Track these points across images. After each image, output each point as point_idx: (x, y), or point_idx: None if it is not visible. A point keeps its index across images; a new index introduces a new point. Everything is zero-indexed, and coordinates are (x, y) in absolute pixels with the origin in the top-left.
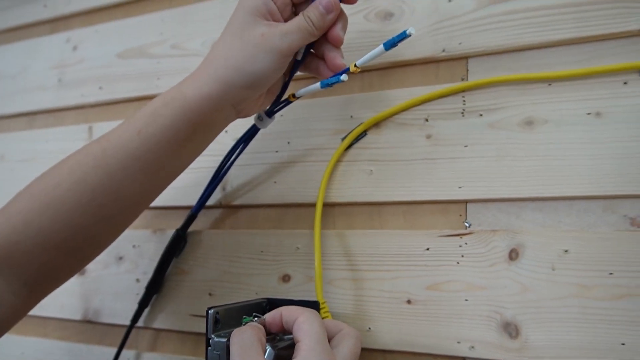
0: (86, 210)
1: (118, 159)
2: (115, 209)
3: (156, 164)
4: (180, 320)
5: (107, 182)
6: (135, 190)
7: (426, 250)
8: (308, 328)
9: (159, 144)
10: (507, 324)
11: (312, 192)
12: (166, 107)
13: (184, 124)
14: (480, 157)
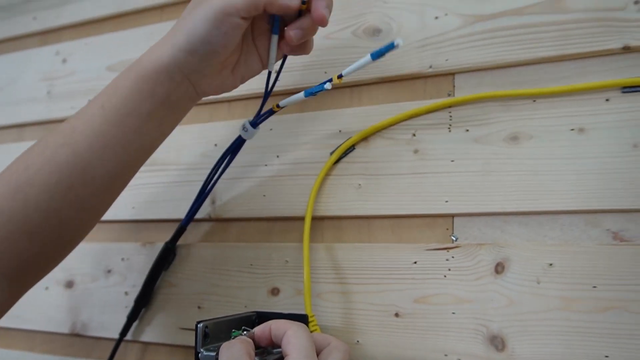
0: (55, 192)
1: (85, 135)
2: (85, 190)
3: (121, 141)
4: (169, 333)
5: (75, 160)
6: (104, 171)
7: (414, 264)
8: (296, 342)
9: (121, 118)
10: (493, 336)
11: (301, 206)
12: (126, 78)
13: (142, 95)
14: (466, 171)
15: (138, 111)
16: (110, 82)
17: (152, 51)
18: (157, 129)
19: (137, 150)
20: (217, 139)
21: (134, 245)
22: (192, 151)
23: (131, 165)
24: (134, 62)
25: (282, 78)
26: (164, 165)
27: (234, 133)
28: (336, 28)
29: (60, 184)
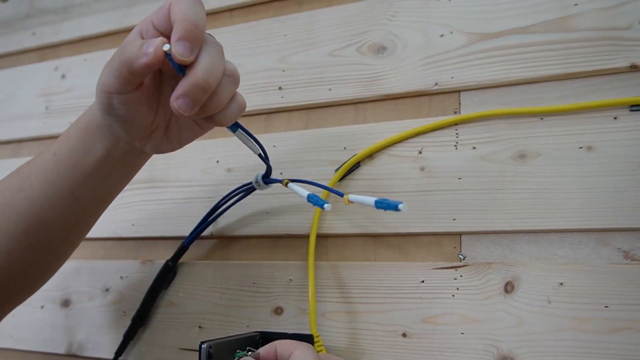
0: (13, 235)
1: (38, 182)
2: (41, 236)
3: (71, 191)
4: (168, 354)
5: (29, 205)
6: (57, 218)
7: (421, 283)
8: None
9: (69, 169)
10: (503, 357)
11: (305, 223)
12: (76, 127)
13: (86, 148)
14: (473, 189)
15: (83, 163)
16: (67, 129)
17: (95, 101)
18: (105, 182)
19: (87, 201)
20: (218, 156)
21: (133, 263)
22: (193, 168)
23: (84, 214)
24: (85, 110)
25: (285, 95)
26: (164, 182)
27: (236, 150)
28: (340, 45)
29: (17, 228)
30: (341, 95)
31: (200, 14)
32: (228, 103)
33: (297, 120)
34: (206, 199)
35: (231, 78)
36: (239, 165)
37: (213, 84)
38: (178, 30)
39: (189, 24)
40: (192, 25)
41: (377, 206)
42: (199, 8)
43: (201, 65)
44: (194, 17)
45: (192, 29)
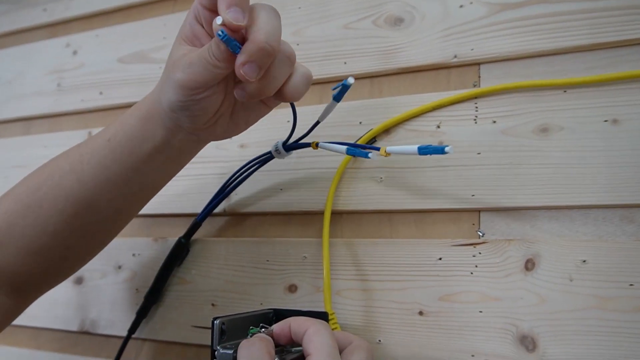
0: (61, 217)
1: (91, 166)
2: (90, 219)
3: (123, 177)
4: (181, 331)
5: (80, 189)
6: (108, 202)
7: (438, 260)
8: (319, 340)
9: (124, 155)
10: (523, 336)
11: (319, 200)
12: (132, 115)
13: (144, 136)
14: (493, 164)
15: (140, 151)
16: (121, 116)
17: (155, 90)
18: (159, 170)
19: (140, 188)
20: None
21: (145, 240)
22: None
23: (134, 201)
24: (143, 98)
25: None
26: None
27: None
28: (356, 17)
29: (66, 210)
30: (357, 68)
31: None
32: (291, 75)
33: (311, 94)
34: (219, 176)
35: (287, 52)
36: (252, 142)
37: (276, 47)
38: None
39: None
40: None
41: (421, 152)
42: None
43: (261, 28)
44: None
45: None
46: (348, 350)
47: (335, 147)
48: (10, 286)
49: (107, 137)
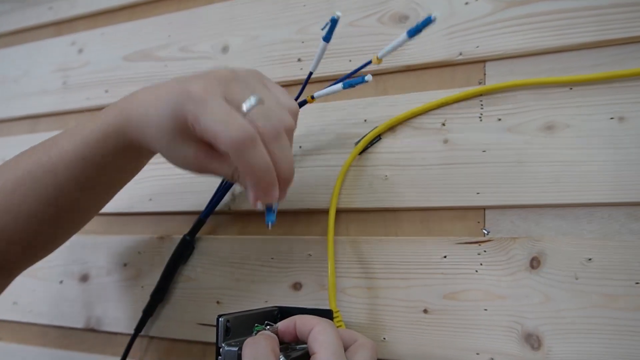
0: (35, 217)
1: (65, 176)
2: (62, 217)
3: (94, 182)
4: (186, 329)
5: (55, 194)
6: (81, 203)
7: (443, 258)
8: (324, 339)
9: (94, 172)
10: (528, 335)
11: (324, 198)
12: (103, 144)
13: (117, 163)
14: (499, 162)
15: (112, 170)
16: (91, 132)
17: (135, 120)
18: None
19: (109, 186)
20: None
21: (150, 238)
22: None
23: (104, 197)
24: (111, 115)
25: (304, 67)
26: None
27: None
28: (361, 15)
29: (41, 212)
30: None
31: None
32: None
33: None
34: None
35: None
36: None
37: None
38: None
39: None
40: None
41: (411, 34)
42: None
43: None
44: (263, 169)
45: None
46: (352, 348)
47: (330, 89)
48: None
49: (82, 155)
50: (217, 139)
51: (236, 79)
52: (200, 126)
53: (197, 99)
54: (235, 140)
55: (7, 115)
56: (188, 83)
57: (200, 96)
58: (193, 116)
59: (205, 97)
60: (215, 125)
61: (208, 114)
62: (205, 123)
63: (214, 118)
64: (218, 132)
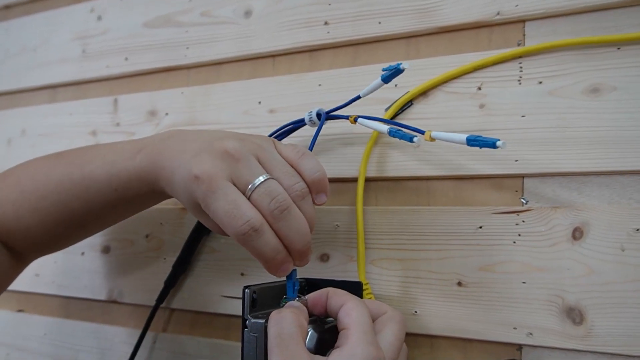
0: (66, 224)
1: (95, 199)
2: (91, 221)
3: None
4: (210, 301)
5: (83, 211)
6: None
7: (479, 229)
8: (357, 316)
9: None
10: (570, 309)
11: (353, 166)
12: (136, 192)
13: (144, 201)
14: (539, 127)
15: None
16: (123, 176)
17: (166, 178)
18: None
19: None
20: (260, 96)
21: (173, 209)
22: (234, 109)
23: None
24: (147, 161)
25: (331, 30)
26: (203, 124)
27: (279, 90)
28: None
29: (66, 221)
30: (392, 28)
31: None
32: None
33: (343, 56)
34: None
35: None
36: (281, 107)
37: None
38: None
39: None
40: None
41: (470, 144)
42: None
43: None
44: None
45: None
46: (381, 320)
47: (376, 125)
48: (11, 255)
49: (115, 186)
50: (224, 228)
51: (244, 159)
52: (210, 213)
53: (204, 187)
54: (239, 234)
55: (26, 85)
56: (195, 165)
57: (207, 184)
58: (203, 203)
59: (212, 186)
60: (222, 217)
61: (214, 203)
62: (214, 212)
63: (220, 208)
64: (224, 223)
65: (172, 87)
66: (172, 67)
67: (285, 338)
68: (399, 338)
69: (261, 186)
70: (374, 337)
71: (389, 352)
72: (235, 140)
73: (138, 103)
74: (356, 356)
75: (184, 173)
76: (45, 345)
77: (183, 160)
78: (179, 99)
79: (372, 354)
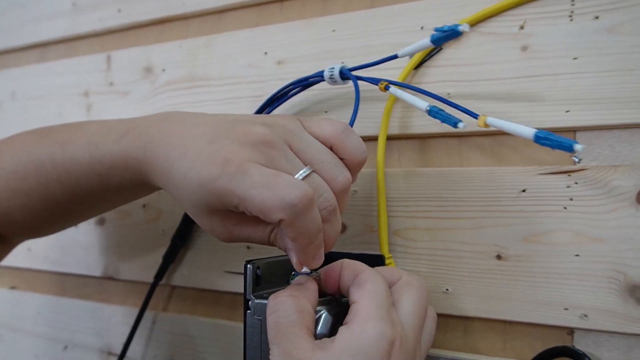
0: (49, 210)
1: (75, 183)
2: (75, 209)
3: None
4: (213, 277)
5: (63, 195)
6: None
7: (522, 192)
8: (370, 288)
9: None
10: (633, 287)
11: (372, 123)
12: (126, 182)
13: (134, 189)
14: (594, 71)
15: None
16: (110, 155)
17: (160, 171)
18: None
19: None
20: (266, 46)
21: None
22: (237, 62)
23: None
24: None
25: None
26: (204, 80)
27: (287, 38)
28: None
29: (50, 204)
30: None
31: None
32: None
33: None
34: (253, 98)
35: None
36: (291, 57)
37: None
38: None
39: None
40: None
41: (540, 142)
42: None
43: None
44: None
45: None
46: (395, 289)
47: (412, 99)
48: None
49: (97, 171)
50: (261, 207)
51: (279, 147)
52: (238, 195)
53: (233, 169)
54: (288, 204)
55: (15, 44)
56: (224, 152)
57: (238, 166)
58: (226, 188)
59: (243, 167)
60: (260, 192)
61: (246, 181)
62: (245, 191)
63: (256, 183)
64: (263, 197)
65: (169, 39)
66: (169, 17)
67: (283, 327)
68: (421, 304)
69: (306, 180)
70: (390, 312)
71: (410, 323)
72: (261, 124)
73: (133, 59)
74: (366, 334)
75: (195, 163)
76: (40, 325)
77: (192, 148)
78: (177, 52)
79: (384, 331)
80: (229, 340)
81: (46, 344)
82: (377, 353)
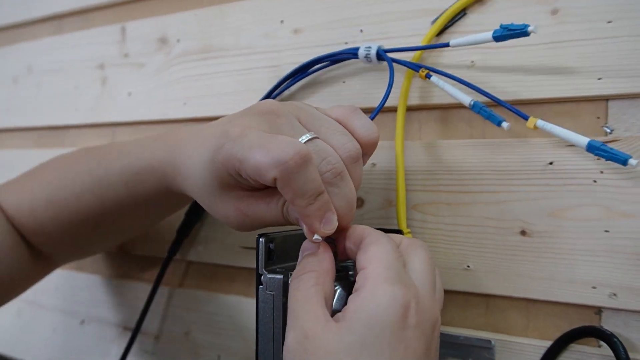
0: (80, 221)
1: (109, 198)
2: (103, 222)
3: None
4: (228, 252)
5: (99, 210)
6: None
7: (549, 165)
8: (376, 250)
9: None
10: None
11: (392, 94)
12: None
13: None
14: (630, 36)
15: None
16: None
17: (186, 176)
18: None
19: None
20: (282, 14)
21: None
22: (253, 32)
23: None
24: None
25: None
26: (219, 51)
27: (304, 5)
28: None
29: (87, 220)
30: None
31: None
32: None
33: None
34: (270, 68)
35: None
36: (308, 25)
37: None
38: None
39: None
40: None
41: (594, 152)
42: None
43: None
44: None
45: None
46: (401, 250)
47: (454, 91)
48: (40, 253)
49: (126, 179)
50: (258, 167)
51: (286, 116)
52: (238, 158)
53: (234, 134)
54: (279, 161)
55: (29, 17)
56: (229, 124)
57: (239, 132)
58: (227, 155)
59: (244, 132)
60: (255, 153)
61: (243, 142)
62: (242, 154)
63: (254, 142)
64: (257, 159)
65: (183, 9)
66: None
67: (301, 302)
68: (429, 263)
69: (308, 144)
70: (400, 274)
71: (424, 283)
72: (274, 101)
73: (147, 30)
74: (377, 299)
75: (207, 140)
76: (57, 299)
77: (211, 131)
78: (191, 22)
79: (396, 294)
80: (245, 317)
81: (64, 318)
82: (392, 318)
